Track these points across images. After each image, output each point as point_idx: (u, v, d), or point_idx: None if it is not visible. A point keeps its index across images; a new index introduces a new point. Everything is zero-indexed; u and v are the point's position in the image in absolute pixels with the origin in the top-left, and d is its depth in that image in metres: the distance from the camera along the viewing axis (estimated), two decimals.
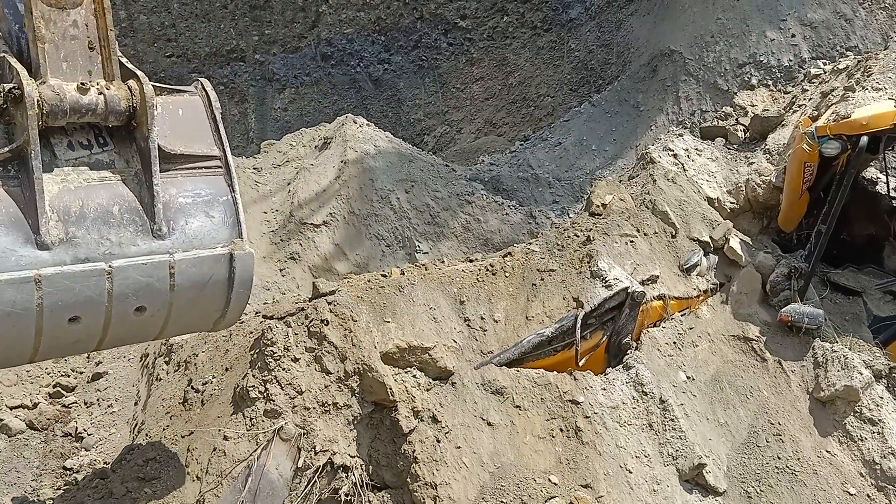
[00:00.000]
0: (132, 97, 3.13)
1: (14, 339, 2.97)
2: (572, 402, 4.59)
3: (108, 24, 3.12)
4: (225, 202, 3.37)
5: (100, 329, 3.16)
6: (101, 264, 3.02)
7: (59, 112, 2.97)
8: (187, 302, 3.32)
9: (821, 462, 4.92)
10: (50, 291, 2.90)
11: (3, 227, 2.86)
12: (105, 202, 3.09)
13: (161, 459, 3.90)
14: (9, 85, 2.89)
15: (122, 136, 3.22)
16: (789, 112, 7.29)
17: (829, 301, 6.08)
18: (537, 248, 5.58)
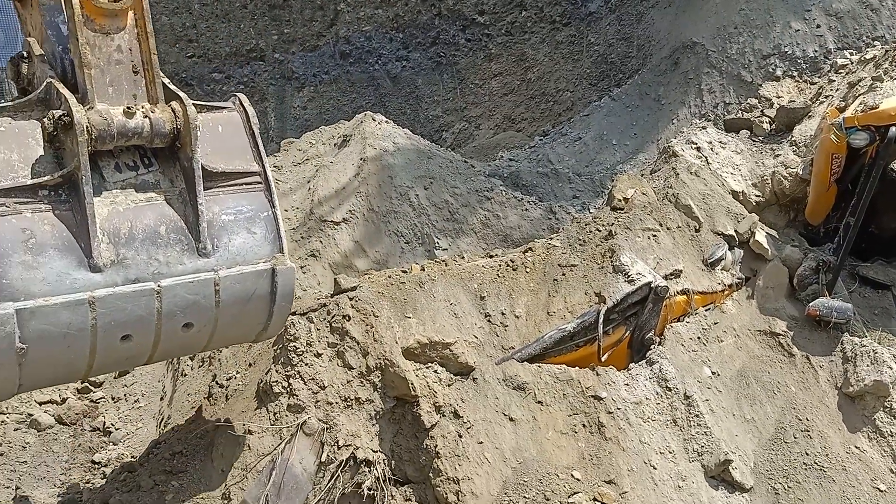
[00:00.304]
0: (176, 119, 3.19)
1: (70, 359, 3.04)
2: (595, 398, 4.56)
3: (151, 47, 3.17)
4: (266, 218, 3.43)
5: (150, 346, 3.24)
6: (150, 284, 3.10)
7: (107, 137, 3.02)
8: (232, 317, 3.39)
9: (850, 458, 4.84)
10: (103, 312, 2.98)
11: (57, 251, 2.92)
12: (152, 223, 3.16)
13: (187, 453, 3.94)
14: (58, 112, 2.93)
15: (165, 157, 3.29)
16: (816, 103, 7.18)
17: (858, 295, 5.98)
18: (558, 244, 5.54)
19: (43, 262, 2.89)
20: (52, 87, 3.05)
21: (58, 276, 2.91)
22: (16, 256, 2.84)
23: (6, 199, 2.87)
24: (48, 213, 2.95)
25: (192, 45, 14.02)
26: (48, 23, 3.26)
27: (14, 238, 2.85)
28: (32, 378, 3.05)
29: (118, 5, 3.08)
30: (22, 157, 2.95)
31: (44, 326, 2.87)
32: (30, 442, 5.18)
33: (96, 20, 3.05)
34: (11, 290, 2.81)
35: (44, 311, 2.86)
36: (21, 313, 2.81)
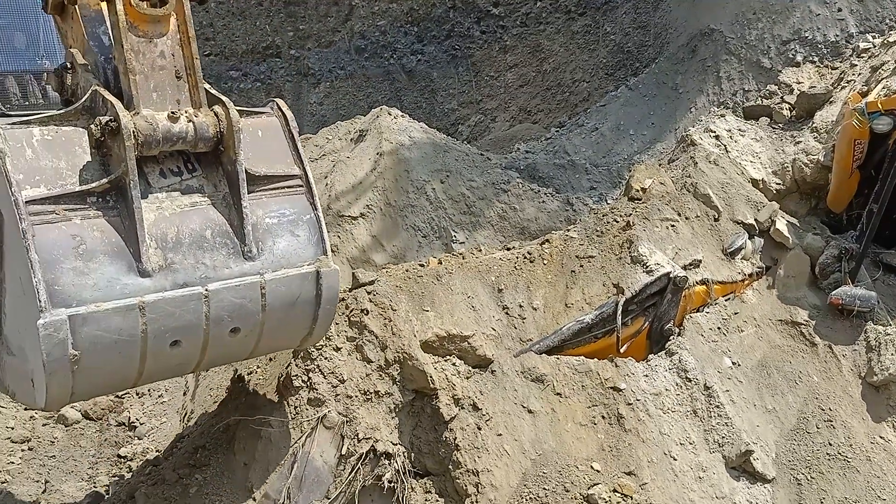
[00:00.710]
0: (219, 123, 3.20)
1: (120, 366, 3.03)
2: (614, 389, 4.54)
3: (194, 52, 3.19)
4: (308, 220, 3.45)
5: (198, 351, 3.22)
6: (198, 288, 3.09)
7: (152, 142, 3.04)
8: (278, 321, 3.38)
9: (874, 448, 4.78)
10: (153, 317, 2.97)
11: (107, 256, 2.92)
12: (198, 227, 3.16)
13: (210, 447, 3.99)
14: (105, 118, 2.95)
15: (208, 161, 3.30)
16: (837, 88, 7.06)
17: (882, 283, 5.88)
18: (576, 235, 5.52)
19: (94, 268, 2.90)
20: (98, 95, 3.07)
21: (108, 282, 2.91)
22: (67, 263, 2.84)
23: (56, 205, 2.88)
24: (97, 219, 2.96)
25: (209, 43, 14.14)
26: (90, 34, 3.29)
27: (65, 244, 2.85)
28: (85, 386, 3.03)
29: (161, 11, 3.11)
30: (69, 165, 2.96)
31: (96, 332, 2.86)
32: (58, 437, 5.28)
33: (140, 26, 3.08)
34: (64, 297, 2.80)
35: (96, 316, 2.85)
36: (74, 319, 2.80)
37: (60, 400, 3.04)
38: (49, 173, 2.90)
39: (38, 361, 2.83)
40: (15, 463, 4.85)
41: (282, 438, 3.85)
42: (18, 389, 3.15)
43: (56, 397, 2.95)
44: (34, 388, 2.94)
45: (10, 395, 3.32)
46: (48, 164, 2.91)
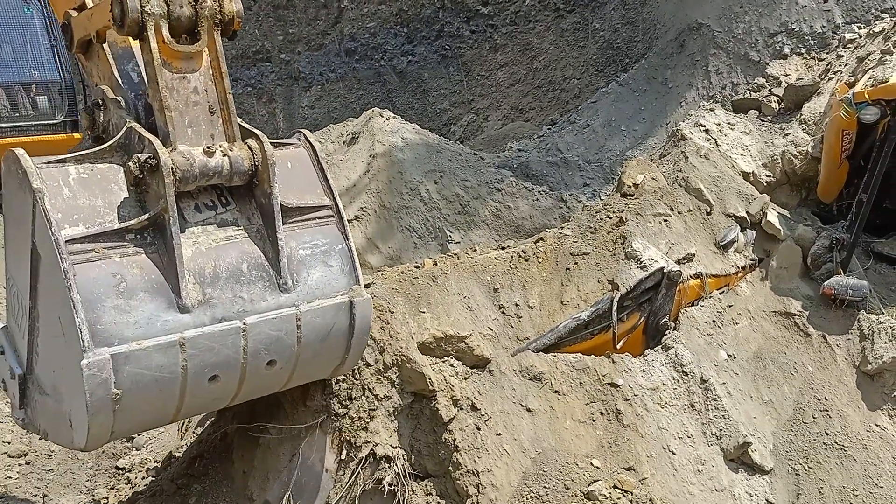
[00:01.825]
0: (254, 156, 3.20)
1: (160, 403, 3.02)
2: (612, 385, 4.56)
3: (227, 87, 3.21)
4: (340, 250, 3.46)
5: (235, 385, 3.20)
6: (236, 322, 3.08)
7: (190, 177, 3.04)
8: (312, 353, 3.39)
9: (870, 436, 4.81)
10: (193, 353, 2.96)
11: (147, 293, 2.91)
12: (234, 261, 3.16)
13: (208, 456, 3.99)
14: (144, 155, 2.95)
15: (241, 195, 3.30)
16: (825, 80, 7.09)
17: (874, 272, 5.92)
18: (570, 232, 5.54)
19: (134, 306, 2.88)
20: (133, 132, 3.07)
21: (149, 319, 2.90)
22: (108, 301, 2.83)
23: (95, 244, 2.87)
24: (136, 256, 2.95)
25: None
26: (119, 71, 3.30)
27: (106, 283, 2.84)
28: (124, 424, 2.99)
29: (193, 48, 3.12)
30: (106, 203, 2.96)
31: (137, 371, 2.84)
32: (55, 450, 5.27)
33: (173, 63, 3.08)
34: (106, 336, 2.79)
35: (137, 354, 2.83)
36: (116, 358, 2.78)
37: (100, 440, 3.00)
38: (87, 211, 2.89)
39: (79, 401, 2.80)
40: (12, 478, 4.84)
41: (280, 445, 3.85)
42: (52, 429, 3.13)
43: (96, 437, 2.92)
44: (72, 427, 2.91)
45: (41, 435, 3.28)
46: (85, 203, 2.91)
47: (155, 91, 3.07)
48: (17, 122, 9.62)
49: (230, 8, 3.18)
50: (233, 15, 3.19)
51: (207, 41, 3.15)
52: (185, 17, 3.09)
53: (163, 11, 3.01)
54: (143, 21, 2.98)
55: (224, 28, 3.20)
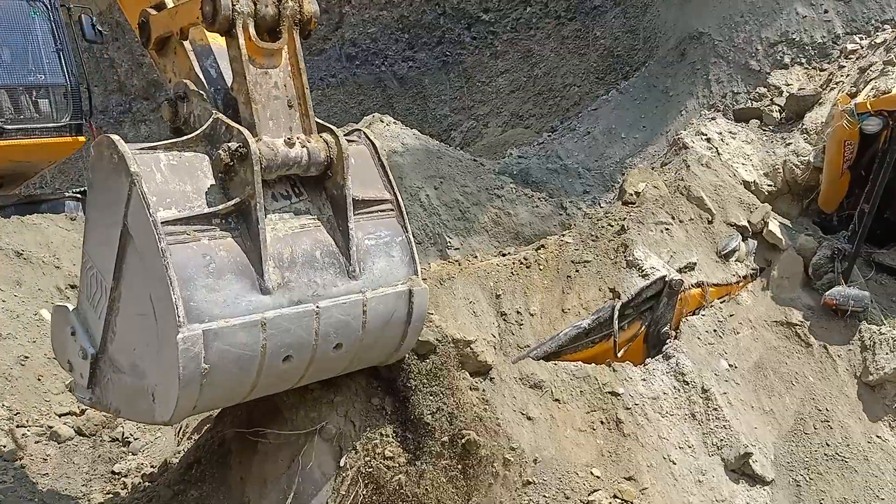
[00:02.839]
0: (329, 149, 3.38)
1: (239, 381, 3.14)
2: (612, 394, 4.53)
3: (304, 83, 3.39)
4: (401, 242, 3.63)
5: (304, 366, 3.33)
6: (310, 305, 3.22)
7: (273, 166, 3.20)
8: (374, 338, 3.53)
9: (872, 448, 4.79)
10: (272, 333, 3.09)
11: (233, 274, 3.06)
12: (309, 247, 3.31)
13: (205, 462, 3.95)
14: (234, 144, 3.11)
15: (312, 186, 3.46)
16: (826, 90, 7.12)
17: (875, 282, 5.92)
18: (571, 240, 5.52)
19: (222, 286, 3.01)
20: (220, 123, 3.21)
21: (235, 299, 3.02)
22: (199, 280, 2.96)
23: (186, 226, 3.00)
24: (223, 239, 3.09)
25: None
26: (199, 66, 3.46)
27: (197, 263, 2.98)
28: (207, 400, 3.11)
29: (275, 45, 3.29)
30: (194, 188, 3.11)
31: (224, 347, 2.97)
32: (50, 454, 5.22)
33: (257, 59, 3.24)
34: (198, 313, 2.91)
35: (225, 332, 2.96)
36: (206, 334, 2.91)
37: (184, 413, 3.12)
38: (177, 196, 3.04)
39: (168, 376, 2.92)
40: (7, 482, 4.79)
41: (278, 451, 3.81)
42: (127, 406, 3.23)
43: (182, 410, 3.04)
44: (155, 402, 3.03)
45: (112, 412, 3.41)
46: (176, 188, 3.06)
47: (242, 84, 3.23)
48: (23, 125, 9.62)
49: (309, 9, 3.37)
50: (311, 15, 3.40)
51: (287, 39, 3.33)
52: (270, 17, 3.27)
53: (250, 10, 3.20)
54: (233, 18, 3.15)
55: (302, 28, 3.39)
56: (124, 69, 17.24)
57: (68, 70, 10.12)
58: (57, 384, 6.28)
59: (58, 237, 8.53)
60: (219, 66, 3.49)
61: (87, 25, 10.15)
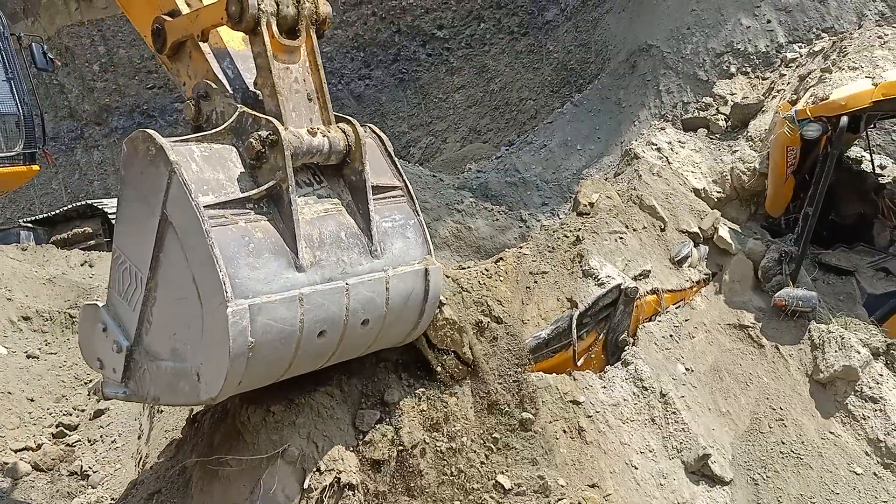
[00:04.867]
0: (347, 138, 3.62)
1: (280, 355, 3.29)
2: (573, 403, 4.59)
3: (322, 78, 3.64)
4: (414, 224, 3.86)
5: (336, 343, 3.51)
6: (341, 282, 3.43)
7: (299, 153, 3.41)
8: (396, 315, 3.73)
9: (825, 444, 4.92)
10: (308, 308, 3.28)
11: (271, 253, 3.25)
12: (334, 229, 3.53)
13: (166, 491, 3.89)
14: (265, 132, 3.33)
15: (330, 174, 3.68)
16: (769, 98, 7.36)
17: (822, 282, 6.10)
18: (529, 252, 5.59)
19: (262, 264, 3.19)
20: (246, 116, 3.42)
21: (273, 276, 3.20)
22: (241, 259, 3.13)
23: (224, 210, 3.19)
24: (258, 222, 3.29)
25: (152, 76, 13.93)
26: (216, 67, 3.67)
27: (238, 243, 3.16)
28: (251, 375, 3.24)
29: (296, 42, 3.54)
30: (227, 177, 3.30)
31: (267, 322, 3.12)
32: (6, 490, 5.07)
33: (279, 56, 3.48)
34: (242, 289, 3.07)
35: (267, 307, 3.12)
36: (252, 309, 3.06)
37: (230, 390, 3.24)
38: (213, 184, 3.23)
39: (215, 352, 3.06)
40: None
41: (241, 477, 3.77)
42: (167, 392, 3.33)
43: (230, 385, 3.16)
44: (200, 381, 3.16)
45: (150, 401, 3.49)
46: (211, 176, 3.25)
47: (267, 78, 3.46)
48: None
49: (324, 10, 3.66)
50: (325, 16, 3.68)
51: (306, 38, 3.58)
52: (290, 16, 3.52)
53: (273, 10, 3.46)
54: (258, 17, 3.39)
55: (318, 27, 3.66)
56: (75, 94, 16.92)
57: (20, 98, 9.96)
58: (12, 419, 6.10)
59: (8, 268, 8.32)
60: (236, 67, 3.72)
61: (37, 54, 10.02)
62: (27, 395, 6.38)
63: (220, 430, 4.13)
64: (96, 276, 9.35)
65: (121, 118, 16.22)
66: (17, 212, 15.48)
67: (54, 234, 12.35)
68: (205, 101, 3.62)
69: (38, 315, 7.59)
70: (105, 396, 3.63)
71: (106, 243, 11.81)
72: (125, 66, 14.18)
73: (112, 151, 16.08)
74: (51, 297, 8.05)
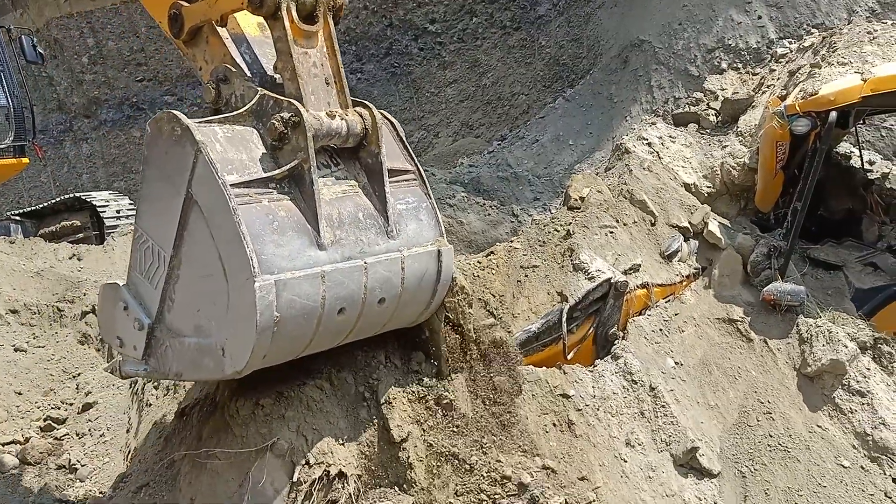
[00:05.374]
0: (363, 121, 3.69)
1: (302, 331, 3.36)
2: (563, 396, 4.60)
3: (339, 63, 3.73)
4: (426, 207, 3.94)
5: (354, 320, 3.58)
6: (359, 261, 3.50)
7: (319, 135, 3.49)
8: (410, 295, 3.81)
9: (812, 437, 4.96)
10: (330, 285, 3.35)
11: (294, 231, 3.32)
12: (352, 210, 3.60)
13: (155, 485, 3.88)
14: (287, 114, 3.41)
15: (346, 157, 3.76)
16: (759, 93, 7.38)
17: (811, 277, 6.14)
18: (519, 246, 5.60)
19: (286, 241, 3.26)
20: (267, 98, 3.49)
21: (297, 253, 3.27)
22: (267, 236, 3.19)
23: (248, 189, 3.24)
24: (281, 201, 3.34)
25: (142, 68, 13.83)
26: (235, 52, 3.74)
27: (263, 220, 3.21)
28: (275, 350, 3.31)
29: (315, 28, 3.64)
30: (249, 157, 3.36)
31: (291, 297, 3.19)
32: None
33: (298, 40, 3.56)
34: (268, 265, 3.14)
35: (292, 282, 3.20)
36: (277, 284, 3.13)
37: (256, 363, 3.29)
38: (237, 163, 3.29)
39: (242, 326, 3.12)
40: None
41: (230, 470, 3.76)
42: (190, 367, 3.39)
43: (255, 360, 3.22)
44: (225, 356, 3.23)
45: (171, 377, 3.55)
46: (234, 156, 3.31)
47: (287, 62, 3.53)
48: None
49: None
50: (342, 3, 3.76)
51: (323, 23, 3.67)
52: (309, 2, 3.61)
53: None
54: (278, 2, 3.47)
55: (335, 14, 3.76)
56: (64, 87, 16.79)
57: (10, 91, 9.90)
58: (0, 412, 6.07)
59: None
60: (253, 51, 3.79)
61: (27, 47, 9.96)
62: (15, 389, 6.35)
63: (209, 423, 4.12)
64: (84, 269, 9.29)
65: (110, 111, 16.09)
66: (5, 205, 15.36)
67: (42, 227, 12.26)
68: (224, 84, 3.68)
69: (26, 308, 7.54)
70: (125, 374, 3.68)
71: (94, 236, 11.73)
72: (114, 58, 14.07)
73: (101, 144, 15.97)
74: (39, 291, 7.99)
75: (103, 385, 6.14)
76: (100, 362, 7.01)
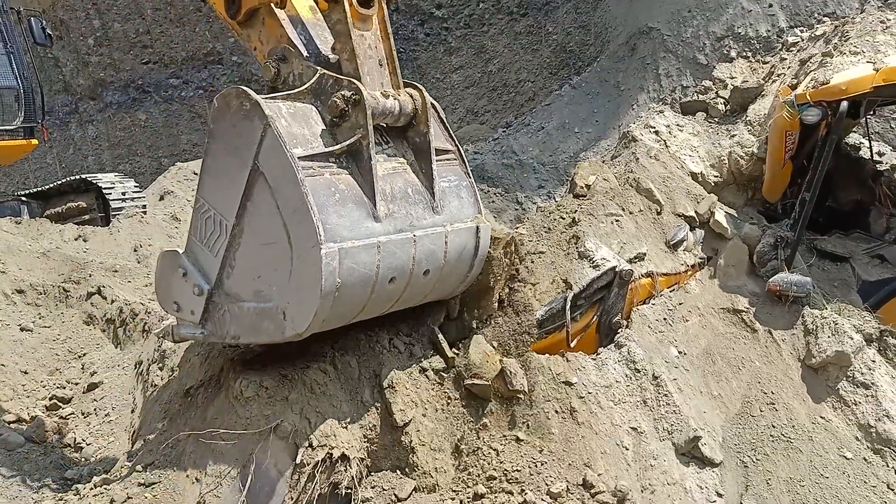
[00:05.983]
0: (414, 101, 3.89)
1: (357, 298, 3.54)
2: (566, 384, 4.60)
3: (392, 45, 3.91)
4: (466, 186, 4.16)
5: (402, 289, 3.77)
6: (409, 234, 3.70)
7: (377, 113, 3.67)
8: (451, 268, 4.01)
9: (816, 428, 4.96)
10: (384, 255, 3.54)
11: (353, 203, 3.49)
12: (402, 185, 3.79)
13: (159, 464, 3.90)
14: (348, 92, 3.59)
15: (394, 135, 3.94)
16: (769, 82, 7.31)
17: (817, 268, 6.12)
18: (525, 232, 5.58)
19: (347, 212, 3.44)
20: (326, 77, 3.66)
21: (356, 224, 3.45)
22: (330, 207, 3.36)
23: (312, 163, 3.41)
24: (340, 175, 3.52)
25: (147, 50, 13.77)
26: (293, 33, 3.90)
27: (326, 192, 3.39)
28: (334, 315, 3.48)
29: (370, 11, 3.81)
30: (311, 133, 3.53)
31: (351, 265, 3.37)
32: None
33: (356, 23, 3.74)
34: (332, 234, 3.32)
35: (353, 251, 3.38)
36: (340, 252, 3.31)
37: (316, 326, 3.48)
38: (300, 138, 3.46)
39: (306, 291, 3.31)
40: None
41: (233, 451, 3.78)
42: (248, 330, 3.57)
43: (316, 322, 3.40)
44: (286, 319, 3.42)
45: (228, 340, 3.71)
46: (298, 131, 3.47)
47: (346, 43, 3.72)
48: None
49: None
50: None
51: (378, 8, 3.84)
52: None
53: None
54: None
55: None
56: (69, 69, 16.76)
57: (20, 73, 9.93)
58: (6, 391, 6.11)
59: (2, 242, 8.28)
60: (308, 33, 3.95)
61: (36, 29, 9.96)
62: (21, 368, 6.39)
63: (214, 403, 4.14)
64: (90, 250, 9.31)
65: (115, 93, 16.07)
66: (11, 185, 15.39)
67: (48, 208, 12.29)
68: (283, 63, 3.83)
69: (32, 288, 7.57)
70: (179, 338, 3.85)
71: (100, 218, 11.75)
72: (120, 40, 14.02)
73: (107, 126, 15.95)
74: (45, 271, 8.02)
75: (108, 365, 6.18)
76: (105, 343, 7.04)
